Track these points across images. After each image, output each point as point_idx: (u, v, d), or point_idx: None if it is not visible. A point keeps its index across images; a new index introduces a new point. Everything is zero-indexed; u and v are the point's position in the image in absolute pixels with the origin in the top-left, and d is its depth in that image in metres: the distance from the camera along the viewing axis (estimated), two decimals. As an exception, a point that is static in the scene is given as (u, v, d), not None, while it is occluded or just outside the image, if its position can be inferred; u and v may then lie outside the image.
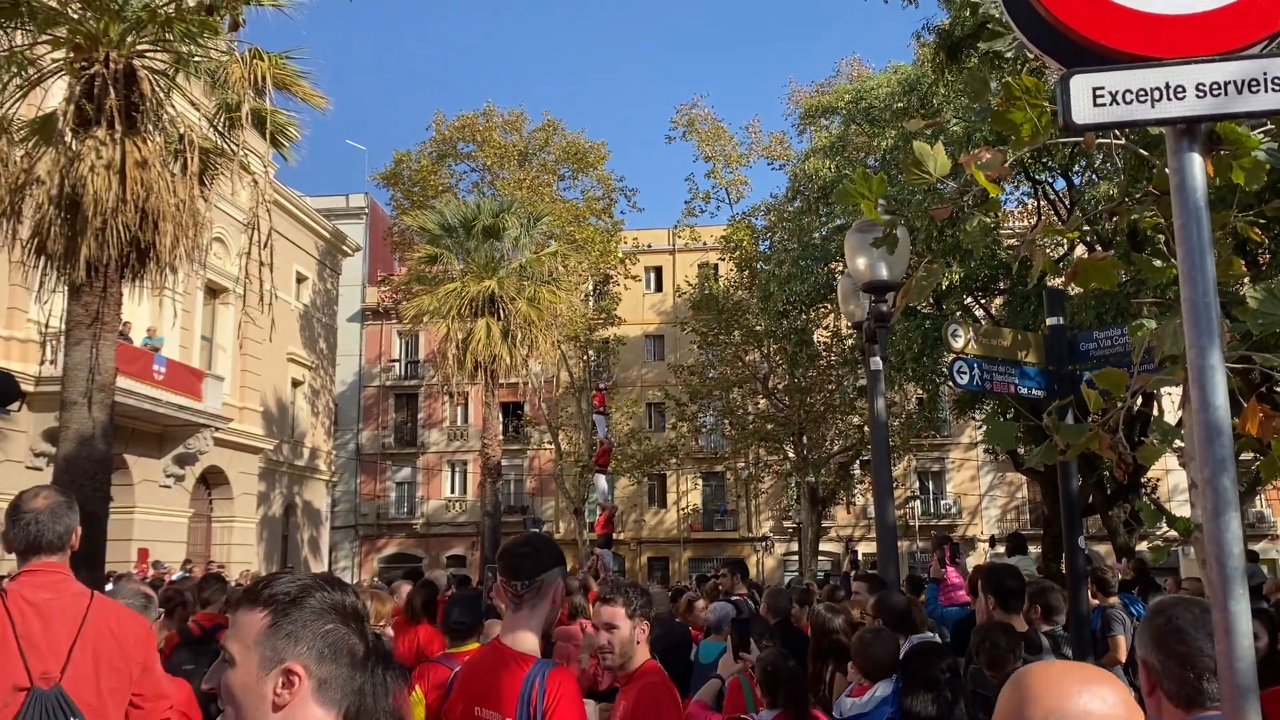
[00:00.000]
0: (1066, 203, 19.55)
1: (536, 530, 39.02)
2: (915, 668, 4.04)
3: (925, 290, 2.83)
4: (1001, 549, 15.84)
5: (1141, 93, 1.97)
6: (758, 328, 31.82)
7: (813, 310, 26.17)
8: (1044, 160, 18.28)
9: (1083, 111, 1.99)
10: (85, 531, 11.26)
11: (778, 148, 36.98)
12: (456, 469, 43.71)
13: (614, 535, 23.84)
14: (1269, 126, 2.67)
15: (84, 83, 11.50)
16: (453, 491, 43.59)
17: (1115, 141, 2.76)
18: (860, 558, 22.41)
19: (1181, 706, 2.02)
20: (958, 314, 18.71)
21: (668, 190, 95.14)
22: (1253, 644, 1.80)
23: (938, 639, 6.05)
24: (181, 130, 12.33)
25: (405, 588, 7.87)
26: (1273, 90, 1.91)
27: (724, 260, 37.23)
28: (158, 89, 12.20)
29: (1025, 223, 22.46)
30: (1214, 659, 1.96)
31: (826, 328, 30.30)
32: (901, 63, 23.97)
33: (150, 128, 12.14)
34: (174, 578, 15.45)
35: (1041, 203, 20.69)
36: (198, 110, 13.52)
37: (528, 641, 2.91)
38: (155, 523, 23.06)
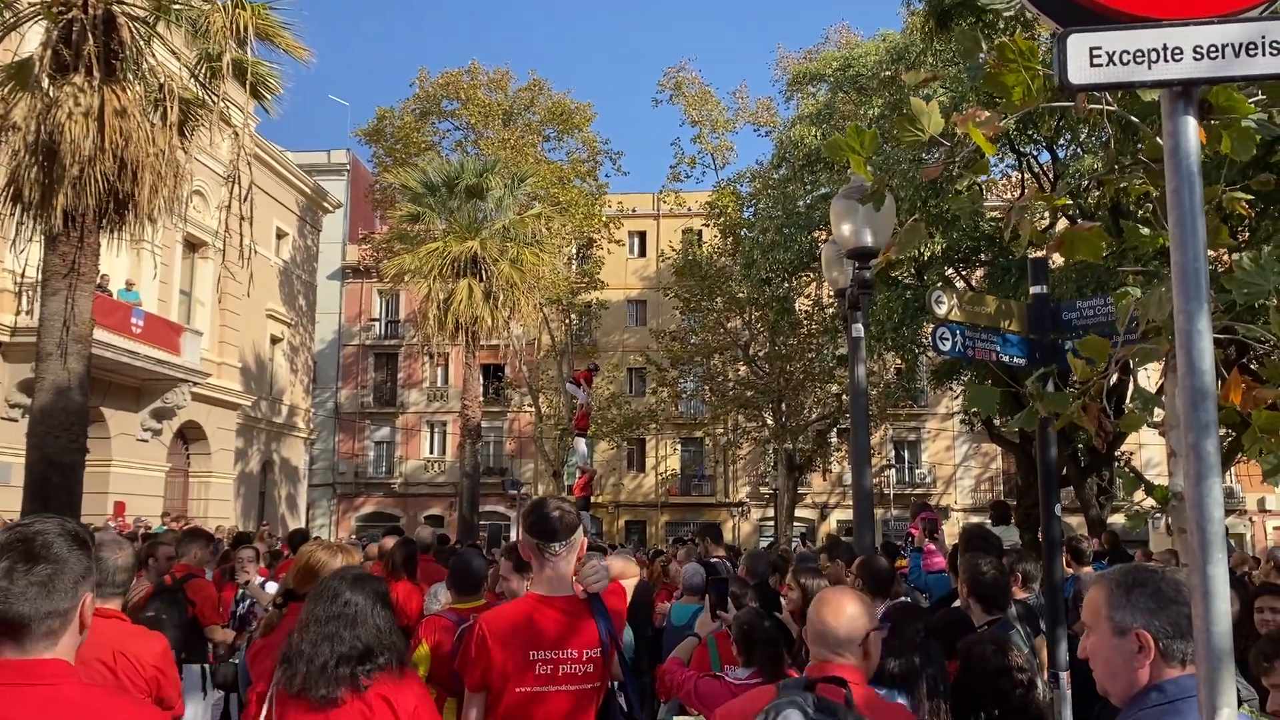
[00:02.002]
0: (1051, 176, 19.57)
1: (523, 500, 39.13)
2: (890, 627, 4.07)
3: (910, 244, 2.82)
4: (984, 518, 16.05)
5: (1139, 53, 1.95)
6: (740, 294, 31.83)
7: (795, 278, 26.18)
8: (1029, 133, 18.28)
9: (1079, 72, 1.97)
10: (61, 483, 11.22)
11: (764, 114, 36.85)
12: (435, 429, 43.70)
13: (592, 498, 23.96)
14: (1260, 97, 2.67)
15: (61, 28, 11.28)
16: (431, 452, 43.61)
17: (1107, 107, 2.74)
18: (810, 540, 22.51)
19: (1178, 665, 2.06)
20: (939, 284, 18.75)
21: (653, 155, 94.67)
22: (1229, 608, 1.82)
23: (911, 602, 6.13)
24: (161, 79, 12.14)
25: (390, 543, 7.93)
26: (1271, 54, 1.89)
27: (708, 226, 37.16)
28: (137, 36, 12.00)
29: (1009, 195, 22.49)
30: (1186, 616, 1.98)
31: (808, 296, 30.33)
32: (890, 31, 23.85)
33: (129, 76, 11.95)
34: (151, 531, 15.42)
35: (1026, 175, 20.71)
36: (178, 60, 13.31)
37: (568, 590, 3.39)
38: (132, 476, 22.97)
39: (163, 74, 12.26)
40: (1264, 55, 1.90)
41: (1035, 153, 20.17)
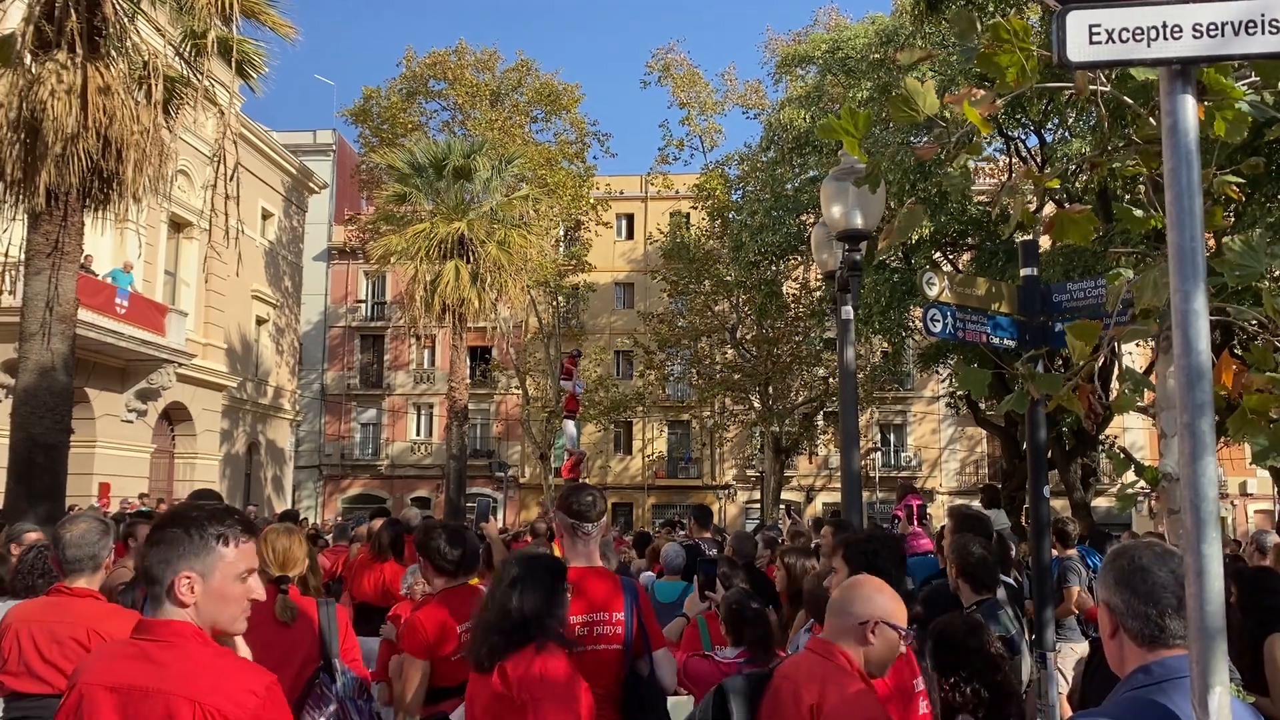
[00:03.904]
0: (1038, 160, 19.60)
1: (511, 482, 39.30)
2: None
3: (907, 229, 2.81)
4: (976, 502, 16.17)
5: (1138, 31, 1.93)
6: (728, 278, 31.80)
7: (783, 261, 26.17)
8: (1017, 117, 18.29)
9: (1078, 49, 1.96)
10: (45, 464, 11.16)
11: (753, 96, 36.66)
12: (422, 411, 43.60)
13: (580, 480, 23.95)
14: (1253, 79, 2.66)
15: (44, 3, 11.16)
16: (418, 434, 43.52)
17: (1102, 88, 2.73)
18: (796, 513, 22.55)
19: (1144, 645, 2.04)
20: (927, 267, 18.79)
21: (641, 137, 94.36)
22: (1223, 587, 1.82)
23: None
24: (146, 57, 12.00)
25: (378, 524, 7.93)
26: (1270, 32, 1.88)
27: (696, 209, 37.06)
28: (121, 13, 11.87)
29: (996, 180, 22.51)
30: (1176, 595, 1.98)
31: (796, 279, 30.34)
32: (879, 14, 23.83)
33: (113, 53, 11.83)
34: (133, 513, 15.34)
35: (1014, 160, 20.73)
36: (163, 37, 13.17)
37: (599, 563, 3.98)
38: (117, 457, 22.86)
39: (147, 51, 12.12)
40: (1263, 33, 1.89)
41: (1023, 137, 20.20)
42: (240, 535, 2.35)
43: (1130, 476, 3.31)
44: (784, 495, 36.46)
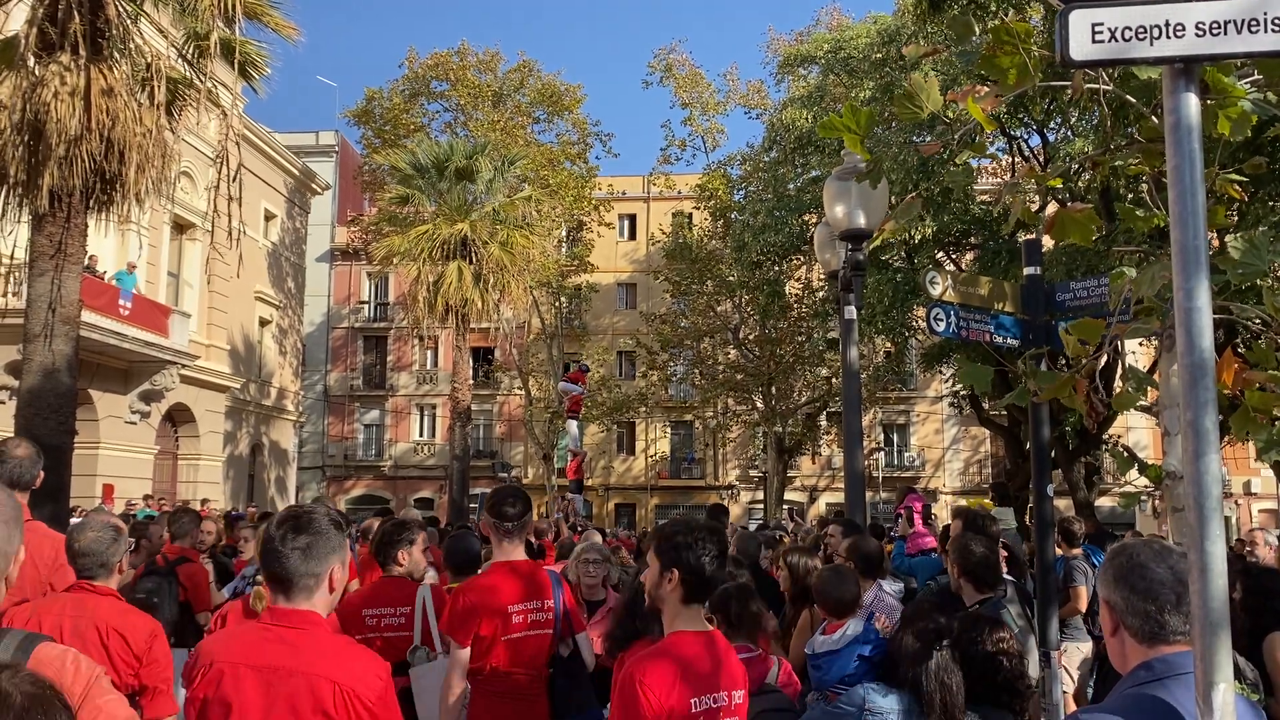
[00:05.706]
0: (1041, 160, 19.58)
1: (514, 483, 39.28)
2: (915, 624, 4.02)
3: (906, 217, 2.81)
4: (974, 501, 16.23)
5: (1141, 30, 1.94)
6: (730, 278, 31.80)
7: (786, 261, 26.18)
8: (1020, 116, 18.26)
9: (1080, 48, 1.97)
10: (50, 466, 11.17)
11: (755, 96, 36.66)
12: (425, 412, 43.63)
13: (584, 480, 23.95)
14: (1256, 77, 2.66)
15: (47, 5, 11.16)
16: (421, 435, 43.56)
17: (1104, 87, 2.74)
18: (799, 514, 22.66)
19: (1145, 642, 2.04)
20: (930, 266, 18.78)
21: (643, 137, 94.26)
22: (1227, 584, 1.83)
23: (896, 586, 6.20)
24: (149, 58, 12.00)
25: (375, 524, 7.92)
26: (1273, 30, 1.88)
27: (698, 209, 37.06)
28: (124, 14, 11.87)
29: (998, 179, 22.50)
30: (1175, 592, 1.98)
31: (798, 279, 30.35)
32: (881, 14, 23.84)
33: (116, 55, 11.82)
34: (137, 514, 15.37)
35: (1016, 159, 20.72)
36: (165, 38, 13.18)
37: (523, 556, 4.36)
38: (120, 459, 22.88)
39: (150, 53, 12.11)
40: (1265, 31, 1.89)
41: (1025, 136, 20.18)
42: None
43: (1134, 475, 3.32)
44: (787, 495, 36.46)
